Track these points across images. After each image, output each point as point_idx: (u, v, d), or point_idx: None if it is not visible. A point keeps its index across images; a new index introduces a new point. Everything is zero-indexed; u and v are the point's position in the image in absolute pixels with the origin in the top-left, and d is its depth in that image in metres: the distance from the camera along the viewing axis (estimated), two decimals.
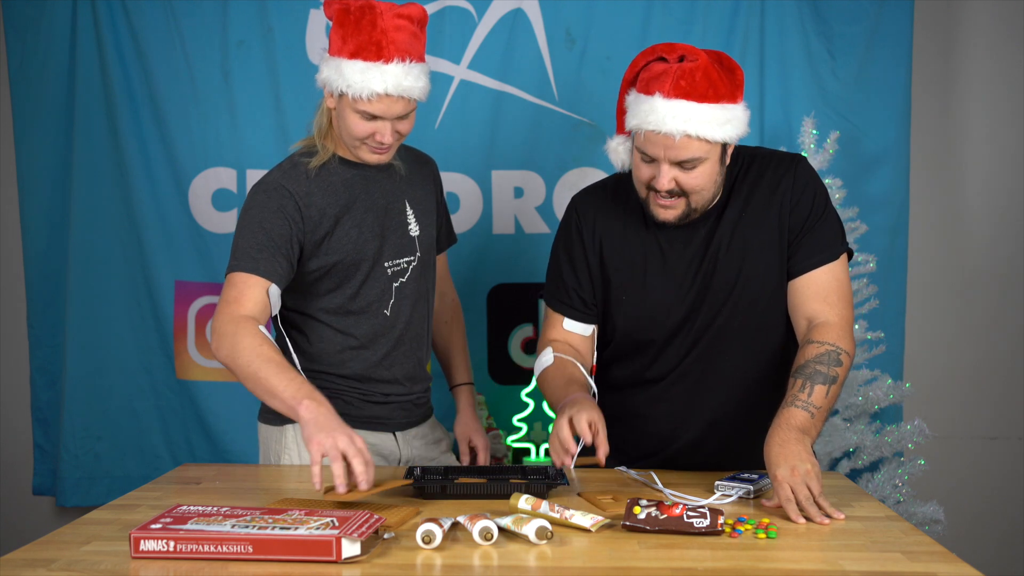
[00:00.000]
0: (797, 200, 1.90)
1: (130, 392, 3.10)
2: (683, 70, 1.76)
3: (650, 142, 1.79)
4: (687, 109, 1.75)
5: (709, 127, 1.76)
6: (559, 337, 2.05)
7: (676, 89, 1.75)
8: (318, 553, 1.42)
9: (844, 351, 1.82)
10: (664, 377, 1.97)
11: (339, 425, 1.72)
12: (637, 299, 1.96)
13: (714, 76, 1.77)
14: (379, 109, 1.91)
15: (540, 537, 1.51)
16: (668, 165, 1.80)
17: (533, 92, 3.00)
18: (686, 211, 1.87)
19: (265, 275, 1.93)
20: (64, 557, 1.47)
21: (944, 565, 1.43)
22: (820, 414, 1.76)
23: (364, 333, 2.06)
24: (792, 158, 1.96)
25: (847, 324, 1.87)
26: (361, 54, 1.89)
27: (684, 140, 1.77)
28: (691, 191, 1.83)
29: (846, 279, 1.92)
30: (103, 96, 3.02)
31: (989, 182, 3.19)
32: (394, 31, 1.89)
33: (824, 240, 1.90)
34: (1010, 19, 3.13)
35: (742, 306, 1.92)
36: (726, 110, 1.78)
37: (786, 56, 2.97)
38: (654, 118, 1.76)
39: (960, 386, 3.22)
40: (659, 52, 1.82)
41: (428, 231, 2.14)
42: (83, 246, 3.06)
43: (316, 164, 2.02)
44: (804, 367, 1.80)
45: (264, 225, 1.95)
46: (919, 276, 3.13)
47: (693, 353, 1.95)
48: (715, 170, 1.84)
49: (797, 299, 1.91)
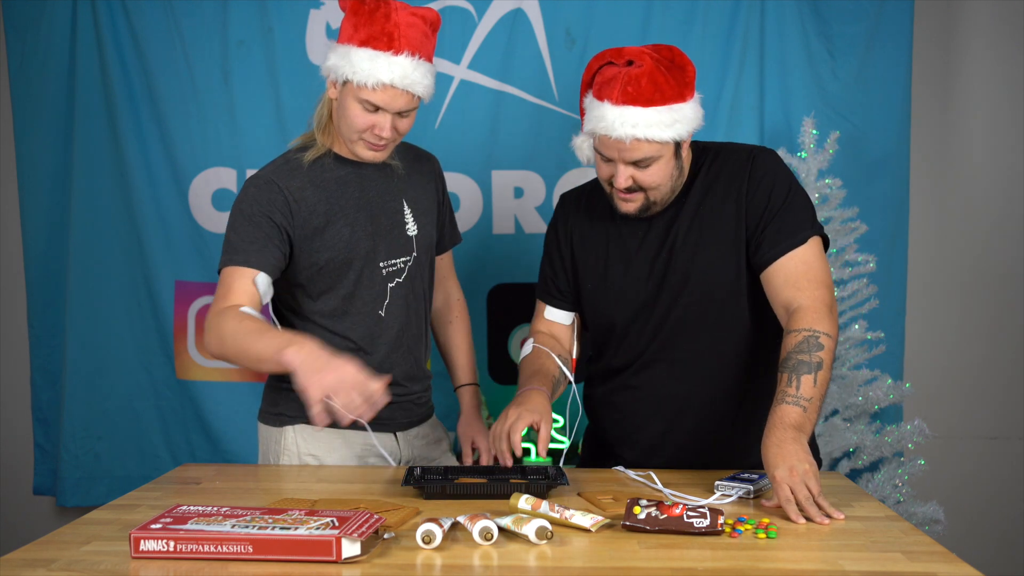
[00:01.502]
0: (754, 191, 1.93)
1: (130, 392, 3.10)
2: (629, 76, 1.84)
3: (604, 145, 1.89)
4: (634, 115, 1.84)
5: (656, 129, 1.84)
6: (543, 328, 2.17)
7: (623, 95, 1.84)
8: (318, 553, 1.42)
9: (823, 333, 1.81)
10: (628, 366, 2.03)
11: (326, 361, 1.70)
12: (599, 287, 2.05)
13: (660, 79, 1.84)
14: (382, 100, 1.91)
15: (540, 537, 1.51)
16: (624, 165, 1.89)
17: (533, 92, 3.00)
18: (646, 204, 1.94)
19: (253, 265, 1.94)
20: (64, 557, 1.47)
21: (944, 565, 1.43)
22: (812, 405, 1.75)
23: (360, 336, 2.06)
24: (751, 150, 1.99)
25: (822, 305, 1.85)
26: (371, 43, 1.90)
27: (634, 143, 1.85)
28: (648, 187, 1.92)
29: (817, 263, 1.90)
30: (103, 96, 3.03)
31: (989, 182, 3.19)
32: (407, 26, 1.91)
33: (788, 227, 1.91)
34: (1010, 19, 3.13)
35: (698, 297, 1.96)
36: (673, 111, 1.85)
37: (786, 56, 2.97)
38: (604, 124, 1.86)
39: (960, 386, 3.22)
40: (608, 57, 1.89)
41: (427, 230, 2.14)
42: (83, 246, 3.07)
43: (311, 158, 2.02)
44: (787, 360, 1.80)
45: (253, 219, 1.96)
46: (919, 276, 3.13)
47: (655, 342, 2.00)
48: (671, 166, 1.91)
49: (771, 289, 1.92)
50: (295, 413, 2.07)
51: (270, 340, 1.79)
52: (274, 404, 2.12)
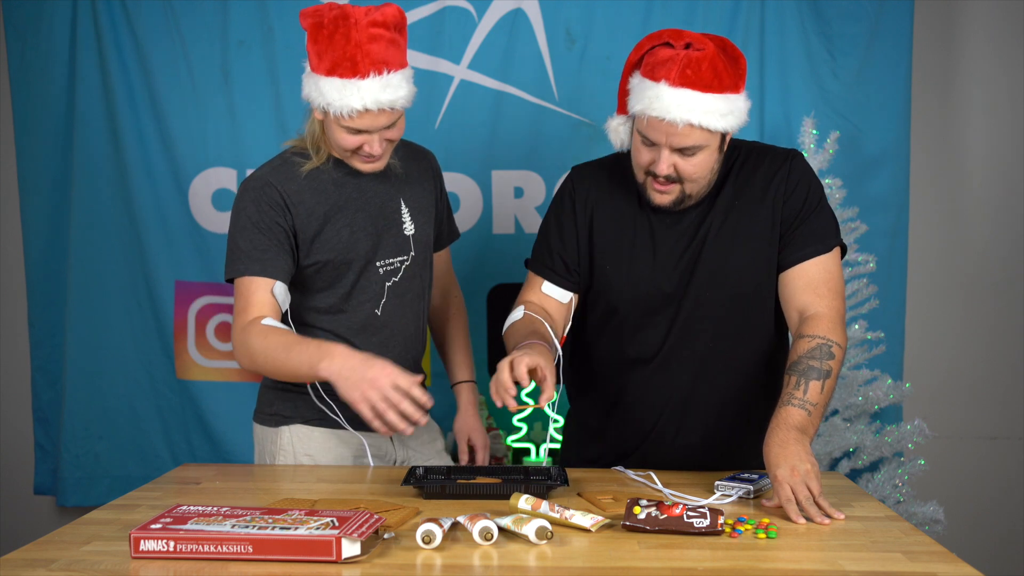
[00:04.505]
0: (790, 193, 1.92)
1: (130, 392, 3.10)
2: (690, 58, 1.78)
3: (652, 128, 1.81)
4: (692, 98, 1.77)
5: (712, 117, 1.79)
6: (535, 299, 2.04)
7: (682, 78, 1.77)
8: (318, 553, 1.42)
9: (835, 343, 1.82)
10: (645, 358, 1.98)
11: (363, 374, 1.76)
12: (620, 271, 1.97)
13: (720, 66, 1.79)
14: (363, 124, 1.90)
15: (540, 537, 1.51)
16: (668, 151, 1.83)
17: (533, 92, 3.00)
18: (680, 197, 1.89)
19: (269, 274, 1.95)
20: (64, 557, 1.47)
21: (944, 565, 1.43)
22: (817, 411, 1.76)
23: (353, 333, 2.06)
24: (787, 153, 1.98)
25: (838, 316, 1.87)
26: (337, 71, 1.86)
27: (687, 128, 1.79)
28: (688, 178, 1.86)
29: (838, 272, 1.92)
30: (103, 96, 3.02)
31: (989, 182, 3.19)
32: (368, 42, 1.85)
33: (816, 233, 1.91)
34: (1010, 18, 3.13)
35: (728, 294, 1.93)
36: (729, 101, 1.80)
37: (786, 56, 2.97)
38: (659, 105, 1.78)
39: (960, 386, 3.22)
40: (665, 38, 1.83)
41: (424, 229, 2.14)
42: (83, 246, 3.06)
43: (309, 168, 2.02)
44: (797, 363, 1.80)
45: (260, 224, 1.96)
46: (919, 276, 3.13)
47: (674, 335, 1.95)
48: (713, 158, 1.87)
49: (788, 291, 1.92)
50: (290, 413, 2.08)
51: (301, 354, 1.83)
52: (269, 404, 2.12)
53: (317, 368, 1.80)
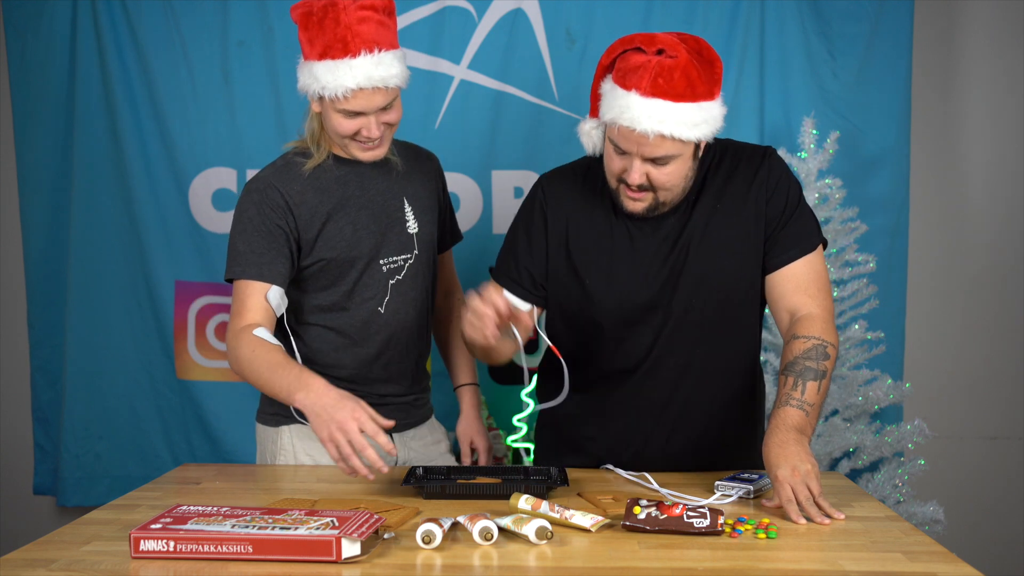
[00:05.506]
0: (772, 194, 1.90)
1: (130, 392, 3.10)
2: (662, 67, 1.72)
3: (623, 137, 1.77)
4: (663, 109, 1.72)
5: (684, 128, 1.73)
6: None
7: (654, 87, 1.71)
8: (318, 553, 1.42)
9: (830, 343, 1.82)
10: (630, 368, 1.95)
11: (332, 414, 1.75)
12: (601, 283, 1.93)
13: (693, 74, 1.73)
14: (358, 104, 1.91)
15: (540, 537, 1.51)
16: (640, 160, 1.78)
17: (533, 92, 3.00)
18: (654, 204, 1.85)
19: (266, 278, 1.95)
20: (64, 557, 1.47)
21: (944, 565, 1.43)
22: (814, 411, 1.76)
23: (355, 330, 2.06)
24: (763, 151, 1.94)
25: (829, 315, 1.87)
26: (329, 53, 1.89)
27: (658, 139, 1.74)
28: (660, 187, 1.81)
29: (824, 270, 1.92)
30: (103, 96, 3.02)
31: (989, 182, 3.19)
32: (358, 24, 1.88)
33: (801, 232, 1.90)
34: (1010, 18, 3.13)
35: (715, 299, 1.91)
36: (702, 109, 1.75)
37: (786, 56, 2.97)
38: (629, 115, 1.73)
39: (960, 386, 3.22)
40: (638, 42, 1.77)
41: (427, 228, 2.14)
42: (83, 246, 3.06)
43: (311, 166, 2.02)
44: (793, 364, 1.80)
45: (261, 227, 1.96)
46: (919, 276, 3.13)
47: (660, 344, 1.92)
48: (687, 166, 1.82)
49: (777, 292, 1.90)
50: (291, 413, 2.07)
51: (281, 378, 1.84)
52: (271, 404, 2.12)
53: (292, 397, 1.81)
